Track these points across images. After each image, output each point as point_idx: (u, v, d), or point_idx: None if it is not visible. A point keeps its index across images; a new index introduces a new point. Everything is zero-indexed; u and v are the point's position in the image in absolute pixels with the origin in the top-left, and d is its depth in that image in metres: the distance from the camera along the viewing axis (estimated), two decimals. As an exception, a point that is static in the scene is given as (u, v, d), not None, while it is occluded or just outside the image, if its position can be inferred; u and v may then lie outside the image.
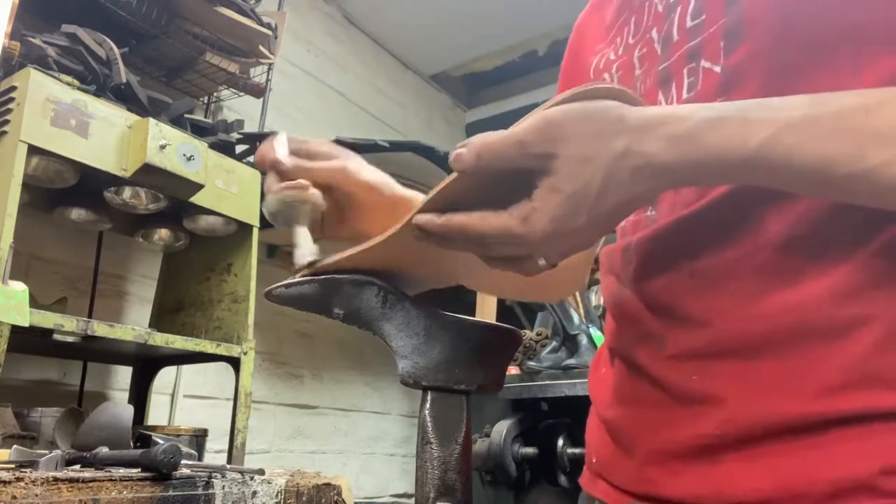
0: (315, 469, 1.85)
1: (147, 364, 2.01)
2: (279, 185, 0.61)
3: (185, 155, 1.58)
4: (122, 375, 2.08)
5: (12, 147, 1.38)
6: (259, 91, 2.28)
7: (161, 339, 1.59)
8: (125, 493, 1.01)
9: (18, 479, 0.92)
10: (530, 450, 2.14)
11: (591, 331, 2.22)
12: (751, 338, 0.48)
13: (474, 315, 2.21)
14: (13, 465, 1.03)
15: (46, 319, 1.37)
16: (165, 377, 2.11)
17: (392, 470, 3.17)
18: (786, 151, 0.40)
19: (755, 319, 0.48)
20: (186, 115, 1.87)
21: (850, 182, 0.40)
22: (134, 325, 1.83)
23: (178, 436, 1.60)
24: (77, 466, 1.10)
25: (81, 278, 2.02)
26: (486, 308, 2.51)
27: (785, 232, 0.47)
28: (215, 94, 2.32)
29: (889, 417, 0.42)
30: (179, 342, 1.64)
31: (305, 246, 0.58)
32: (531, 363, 2.20)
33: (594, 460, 0.63)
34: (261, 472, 1.24)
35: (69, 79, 1.53)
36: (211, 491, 1.13)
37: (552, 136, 0.43)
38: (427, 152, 2.26)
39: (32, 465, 1.03)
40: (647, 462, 0.53)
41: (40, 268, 1.92)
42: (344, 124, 3.06)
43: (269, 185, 0.62)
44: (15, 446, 1.11)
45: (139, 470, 1.08)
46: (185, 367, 2.21)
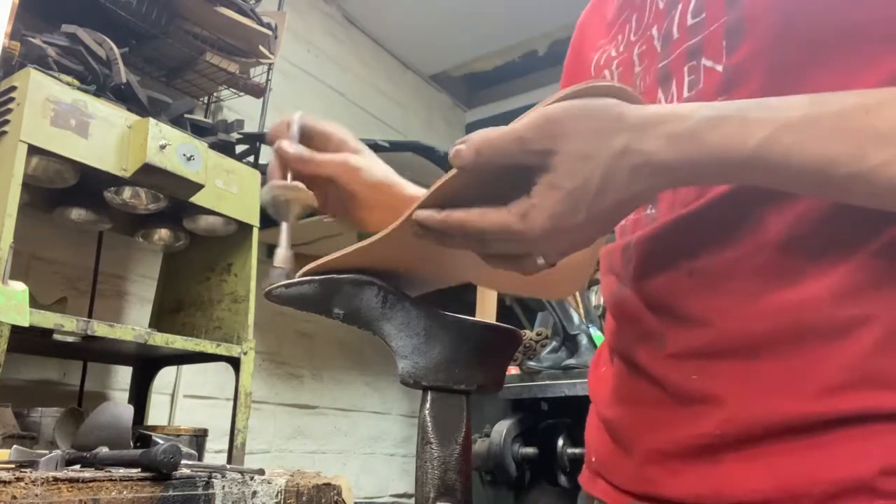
0: (315, 469, 1.85)
1: (147, 364, 2.01)
2: (273, 181, 0.63)
3: (185, 155, 1.58)
4: (122, 375, 2.08)
5: (12, 147, 1.38)
6: (259, 91, 2.28)
7: (161, 339, 1.59)
8: (125, 493, 1.01)
9: (18, 479, 0.91)
10: (530, 450, 2.15)
11: (591, 331, 2.22)
12: (751, 337, 0.48)
13: (474, 315, 2.21)
14: (13, 465, 1.03)
15: (46, 319, 1.37)
16: (165, 377, 2.11)
17: (392, 470, 3.17)
18: (784, 151, 0.40)
19: (755, 319, 0.47)
20: (186, 115, 1.86)
21: (849, 182, 0.40)
22: (134, 325, 1.83)
23: (178, 436, 1.60)
24: (77, 466, 1.10)
25: (81, 278, 2.02)
26: (486, 308, 2.51)
27: (785, 232, 0.47)
28: (215, 94, 2.31)
29: (889, 418, 0.42)
30: (179, 342, 1.64)
31: (282, 251, 0.60)
32: (531, 363, 2.20)
33: (593, 459, 0.63)
34: (261, 472, 1.24)
35: (69, 79, 1.53)
36: (211, 491, 1.13)
37: (552, 132, 0.43)
38: (427, 152, 2.26)
39: (32, 465, 1.03)
40: (646, 461, 0.53)
41: (40, 268, 1.92)
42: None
43: (270, 172, 0.63)
44: (15, 446, 1.11)
45: (139, 470, 1.08)
46: (185, 367, 2.21)
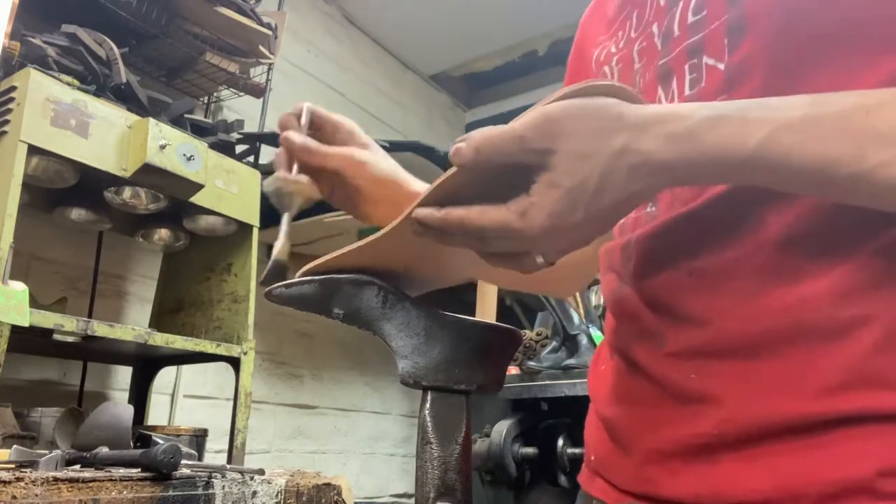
0: (315, 469, 1.86)
1: (147, 364, 2.01)
2: (278, 172, 0.63)
3: (185, 155, 1.58)
4: (122, 375, 2.08)
5: (12, 147, 1.38)
6: (259, 91, 2.28)
7: (161, 339, 1.59)
8: (125, 493, 1.01)
9: (18, 479, 0.91)
10: (530, 450, 2.14)
11: (591, 331, 2.22)
12: (750, 337, 0.48)
13: (474, 315, 2.21)
14: (13, 465, 1.03)
15: (46, 319, 1.37)
16: (165, 377, 2.11)
17: (392, 470, 3.17)
18: (784, 151, 0.40)
19: (754, 319, 0.47)
20: (186, 115, 1.86)
21: (850, 182, 0.40)
22: (134, 325, 1.83)
23: (178, 436, 1.60)
24: (77, 466, 1.10)
25: (81, 278, 2.02)
26: (486, 308, 2.50)
27: (784, 231, 0.47)
28: (215, 94, 2.31)
29: (889, 418, 0.42)
30: (179, 342, 1.64)
31: (280, 243, 0.61)
32: (531, 363, 2.19)
33: (592, 458, 0.63)
34: (261, 472, 1.24)
35: (69, 79, 1.53)
36: (211, 491, 1.13)
37: (551, 131, 0.43)
38: (427, 152, 2.26)
39: (32, 465, 1.03)
40: (645, 461, 0.53)
41: (40, 268, 1.92)
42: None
43: (276, 161, 0.64)
44: (15, 446, 1.11)
45: (139, 470, 1.08)
46: (185, 367, 2.21)
